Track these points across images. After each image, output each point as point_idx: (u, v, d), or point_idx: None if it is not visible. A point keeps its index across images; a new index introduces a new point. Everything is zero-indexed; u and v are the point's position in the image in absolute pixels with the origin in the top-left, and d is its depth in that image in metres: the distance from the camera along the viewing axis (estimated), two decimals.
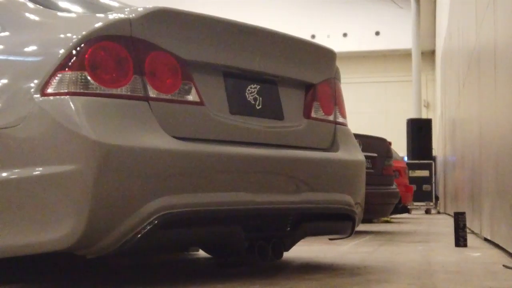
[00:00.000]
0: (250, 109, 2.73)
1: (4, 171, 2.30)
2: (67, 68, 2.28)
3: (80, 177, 2.19)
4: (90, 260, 2.48)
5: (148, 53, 2.40)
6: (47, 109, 2.26)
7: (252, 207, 2.60)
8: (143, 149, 2.28)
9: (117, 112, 2.29)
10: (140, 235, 2.27)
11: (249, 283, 2.55)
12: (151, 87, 2.39)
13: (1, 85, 2.41)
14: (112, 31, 2.34)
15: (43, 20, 2.58)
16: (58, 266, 3.24)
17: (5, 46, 2.53)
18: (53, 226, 2.22)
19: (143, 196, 2.27)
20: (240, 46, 2.71)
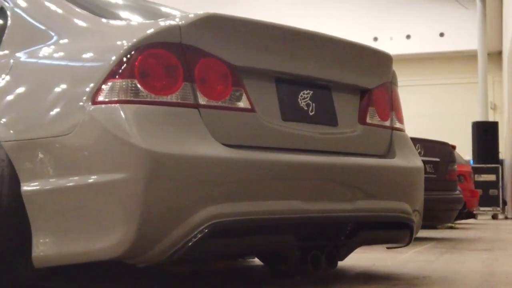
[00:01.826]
0: (303, 116, 2.68)
1: (57, 179, 2.32)
2: (118, 76, 2.27)
3: (130, 185, 2.18)
4: (144, 268, 2.47)
5: (198, 59, 2.37)
6: (97, 118, 2.26)
7: (305, 216, 2.54)
8: (193, 157, 2.26)
9: (167, 120, 2.28)
10: (190, 244, 2.24)
11: None
12: (201, 94, 2.36)
13: (58, 93, 2.44)
14: (161, 38, 2.33)
15: (97, 28, 2.59)
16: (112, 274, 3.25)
17: (65, 53, 2.57)
18: (104, 235, 2.22)
19: (193, 204, 2.25)
20: (292, 52, 2.66)
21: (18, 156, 2.43)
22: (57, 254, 2.32)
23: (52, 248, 2.33)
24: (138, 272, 3.36)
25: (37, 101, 2.49)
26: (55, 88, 2.45)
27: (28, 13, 2.89)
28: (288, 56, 2.65)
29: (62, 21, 2.70)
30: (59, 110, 2.38)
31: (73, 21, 2.67)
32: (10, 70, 2.68)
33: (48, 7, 2.81)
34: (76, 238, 2.28)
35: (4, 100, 2.62)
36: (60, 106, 2.39)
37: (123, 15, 2.83)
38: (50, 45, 2.65)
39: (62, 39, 2.63)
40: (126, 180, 2.18)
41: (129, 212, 2.18)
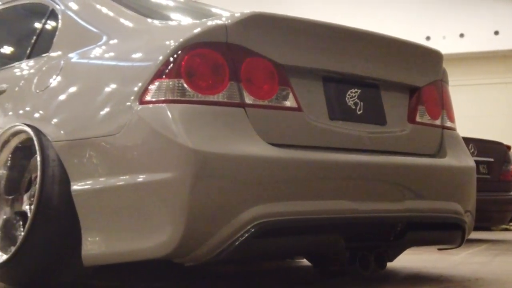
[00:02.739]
0: (350, 115, 2.65)
1: (106, 178, 2.35)
2: (164, 75, 2.29)
3: (177, 185, 2.18)
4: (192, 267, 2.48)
5: (244, 59, 2.37)
6: (145, 117, 2.28)
7: (354, 216, 2.51)
8: (239, 156, 2.25)
9: (213, 119, 2.28)
10: (237, 244, 2.24)
11: None
12: (247, 93, 2.36)
13: (107, 93, 2.47)
14: (208, 37, 2.33)
15: (144, 28, 2.62)
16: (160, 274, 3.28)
17: (114, 53, 2.61)
18: (152, 234, 2.24)
19: (239, 204, 2.24)
20: (339, 50, 2.63)
21: (68, 156, 2.47)
22: (106, 252, 2.35)
23: (101, 246, 2.35)
24: (185, 272, 3.38)
25: (86, 101, 2.53)
26: (104, 88, 2.48)
27: (79, 15, 2.94)
28: (336, 54, 2.63)
29: (111, 22, 2.75)
30: (108, 110, 2.41)
31: (121, 22, 2.71)
32: (61, 71, 2.73)
33: (97, 8, 2.86)
34: (125, 236, 2.30)
35: (55, 101, 2.67)
36: (109, 106, 2.42)
37: (170, 15, 2.86)
38: (99, 46, 2.69)
39: (112, 39, 2.67)
40: (173, 179, 2.19)
41: (176, 211, 2.18)
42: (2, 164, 2.80)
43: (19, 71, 3.09)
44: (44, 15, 3.19)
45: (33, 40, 3.20)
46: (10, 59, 3.60)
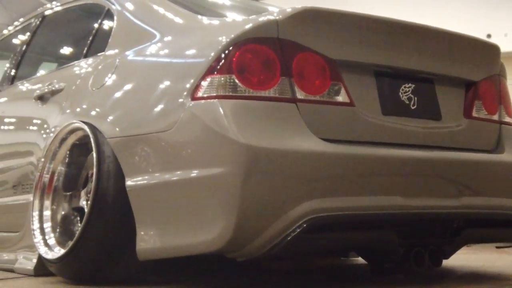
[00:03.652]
0: (404, 110, 2.61)
1: (159, 174, 2.38)
2: (216, 71, 2.30)
3: (229, 180, 2.19)
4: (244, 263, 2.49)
5: (296, 54, 2.36)
6: (197, 113, 2.30)
7: (407, 212, 2.47)
8: (291, 151, 2.25)
9: (265, 115, 2.28)
10: (289, 239, 2.23)
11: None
12: (298, 89, 2.35)
13: (160, 89, 2.50)
14: (259, 33, 2.33)
15: (197, 25, 2.65)
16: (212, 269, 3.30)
17: (167, 51, 2.64)
18: (204, 228, 2.25)
19: (291, 199, 2.23)
20: (392, 44, 2.60)
21: (122, 152, 2.52)
22: (160, 247, 2.38)
23: (156, 241, 2.38)
24: (238, 268, 3.39)
25: (140, 98, 2.57)
26: (158, 85, 2.52)
27: (133, 14, 3.00)
28: (389, 49, 2.59)
29: (164, 20, 2.79)
30: (161, 107, 2.44)
31: (174, 20, 2.75)
32: (116, 69, 2.79)
33: (151, 7, 2.90)
34: (178, 231, 2.33)
35: (110, 99, 2.73)
36: (162, 103, 2.45)
37: (221, 12, 2.88)
38: (153, 44, 2.73)
39: (165, 37, 2.71)
40: (226, 174, 2.20)
41: (228, 206, 2.19)
42: (60, 161, 2.87)
43: (76, 70, 3.17)
44: (100, 15, 3.27)
45: (90, 40, 3.27)
46: (68, 58, 3.70)
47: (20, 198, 3.24)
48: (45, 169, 2.86)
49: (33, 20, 4.02)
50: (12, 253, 3.18)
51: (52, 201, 2.83)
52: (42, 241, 2.75)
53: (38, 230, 2.78)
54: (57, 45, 4.18)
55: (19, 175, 3.32)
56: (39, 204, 2.83)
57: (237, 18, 2.66)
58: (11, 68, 3.94)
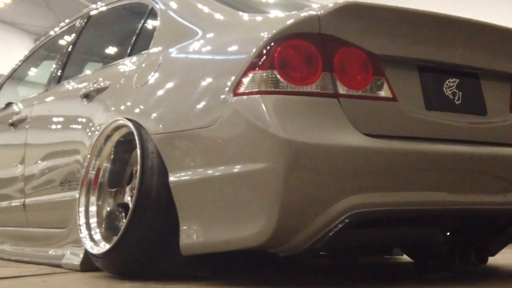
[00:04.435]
0: (448, 105, 2.58)
1: (202, 170, 2.40)
2: (258, 67, 2.31)
3: (271, 175, 2.20)
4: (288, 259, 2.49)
5: (338, 49, 2.36)
6: (239, 109, 2.31)
7: (452, 208, 2.43)
8: (333, 146, 2.24)
9: (306, 110, 2.28)
10: (331, 234, 2.22)
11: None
12: (340, 84, 2.34)
13: (203, 86, 2.52)
14: (300, 28, 2.33)
15: (238, 22, 2.67)
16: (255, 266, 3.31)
17: (209, 47, 2.66)
18: (247, 223, 2.26)
19: (334, 194, 2.23)
20: (436, 38, 2.57)
21: (165, 148, 2.55)
22: (203, 242, 2.39)
23: (199, 236, 2.40)
24: (281, 265, 3.40)
25: (183, 95, 2.59)
26: (200, 81, 2.54)
27: (176, 11, 3.03)
28: (432, 43, 2.56)
29: (206, 17, 2.81)
30: (203, 103, 2.46)
31: (216, 17, 2.77)
32: (159, 67, 2.82)
33: (194, 4, 2.93)
34: (221, 226, 2.34)
35: (154, 96, 2.76)
36: (204, 99, 2.47)
37: (263, 8, 2.88)
38: (195, 41, 2.75)
39: (207, 34, 2.73)
40: (268, 169, 2.20)
41: (270, 201, 2.20)
42: (105, 157, 2.92)
43: (120, 68, 3.22)
44: (144, 14, 3.31)
45: (134, 38, 3.32)
46: (112, 57, 3.75)
47: (66, 195, 3.30)
48: (91, 165, 2.91)
49: (78, 21, 4.09)
50: (59, 248, 3.25)
51: (97, 197, 2.89)
52: (88, 236, 2.80)
53: (84, 225, 2.83)
54: (102, 45, 4.26)
55: (66, 172, 3.39)
56: (85, 200, 2.89)
57: (279, 14, 2.66)
58: (58, 69, 4.02)
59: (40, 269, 3.08)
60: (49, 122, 3.83)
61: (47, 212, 3.59)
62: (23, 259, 3.54)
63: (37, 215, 3.72)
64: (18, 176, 3.92)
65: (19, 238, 3.89)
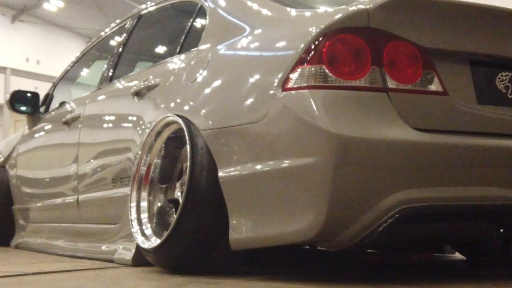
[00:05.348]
0: (501, 99, 2.53)
1: (251, 165, 2.41)
2: (306, 62, 2.31)
3: (319, 169, 2.20)
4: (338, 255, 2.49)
5: (387, 43, 2.34)
6: (287, 104, 2.31)
7: (506, 203, 2.39)
8: (383, 141, 2.23)
9: (355, 104, 2.27)
10: (381, 229, 2.21)
11: (501, 286, 2.35)
12: (390, 78, 2.33)
13: (251, 82, 2.53)
14: (348, 23, 2.33)
15: (286, 17, 2.67)
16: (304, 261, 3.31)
17: (257, 43, 2.68)
18: (295, 218, 2.27)
19: (383, 189, 2.21)
20: (488, 31, 2.52)
21: (215, 144, 2.57)
22: (252, 237, 2.41)
23: (248, 231, 2.42)
24: (329, 260, 3.39)
25: (232, 91, 2.61)
26: (249, 77, 2.55)
27: (225, 8, 3.06)
28: (484, 36, 2.52)
29: (254, 13, 2.83)
30: (252, 98, 2.48)
31: (264, 13, 2.78)
32: (208, 64, 2.85)
33: (243, 1, 2.96)
34: (270, 221, 2.35)
35: (203, 92, 2.79)
36: (253, 94, 2.48)
37: (311, 3, 2.88)
38: (243, 37, 2.77)
39: (255, 30, 2.75)
40: (317, 164, 2.20)
41: (319, 196, 2.20)
42: (156, 154, 2.96)
43: (170, 66, 3.26)
44: (193, 12, 3.35)
45: (183, 36, 3.36)
46: (162, 56, 3.80)
47: (118, 192, 3.36)
48: (142, 161, 2.96)
49: (129, 21, 4.16)
50: (112, 244, 3.31)
51: (148, 193, 2.93)
52: (139, 231, 2.85)
53: (135, 220, 2.88)
54: (152, 44, 4.31)
55: (118, 170, 3.44)
56: (136, 195, 2.93)
57: (327, 9, 2.65)
58: (109, 68, 4.09)
59: (93, 264, 3.14)
60: (101, 120, 3.90)
61: (100, 208, 3.66)
62: (77, 254, 3.62)
63: (90, 211, 3.80)
64: (72, 174, 4.01)
65: (73, 234, 3.98)
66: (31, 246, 4.42)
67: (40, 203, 4.53)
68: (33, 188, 4.73)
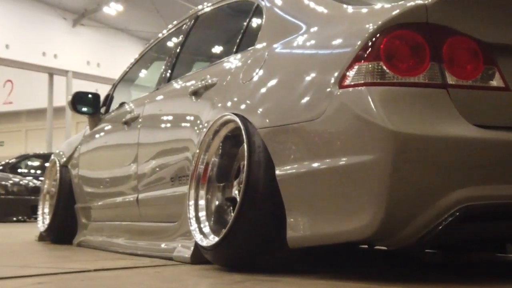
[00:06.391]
0: None
1: (308, 162, 2.41)
2: (363, 59, 2.30)
3: (378, 167, 2.18)
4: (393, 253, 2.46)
5: (446, 38, 2.30)
6: (344, 101, 2.30)
7: None
8: (442, 138, 2.20)
9: (414, 101, 2.25)
10: (440, 227, 2.18)
11: None
12: (449, 74, 2.29)
13: (307, 80, 2.53)
14: (406, 19, 2.30)
15: (342, 15, 2.66)
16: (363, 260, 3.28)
17: (313, 41, 2.67)
18: (353, 216, 2.26)
19: (443, 187, 2.18)
20: None
21: (272, 142, 2.57)
22: (310, 235, 2.41)
23: (305, 229, 2.42)
24: (390, 260, 3.35)
25: (288, 89, 2.61)
26: (305, 75, 2.55)
27: (281, 7, 3.07)
28: None
29: (310, 11, 2.83)
30: (309, 96, 2.47)
31: (320, 10, 2.78)
32: (264, 62, 2.86)
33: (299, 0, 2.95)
34: (327, 219, 2.34)
35: (259, 91, 2.80)
36: (310, 92, 2.48)
37: (367, 0, 2.85)
38: (300, 35, 2.77)
39: (311, 28, 2.74)
40: (375, 161, 2.19)
41: (377, 193, 2.18)
42: (213, 152, 2.99)
43: (227, 65, 3.28)
44: (250, 11, 3.36)
45: (240, 35, 3.38)
46: (219, 56, 3.83)
47: (177, 190, 3.40)
48: (200, 160, 2.99)
49: (186, 22, 4.20)
50: (171, 242, 3.35)
51: (206, 191, 2.96)
52: (197, 229, 2.88)
53: (194, 218, 2.91)
54: (209, 44, 4.35)
55: (176, 169, 3.49)
56: (194, 194, 2.97)
57: (384, 5, 2.62)
58: (167, 69, 4.14)
59: (153, 261, 3.19)
60: (159, 120, 3.96)
61: (159, 206, 3.71)
62: (137, 252, 3.68)
63: (150, 209, 3.86)
64: (132, 174, 4.07)
65: (133, 232, 4.04)
66: (93, 244, 4.52)
67: (101, 202, 4.62)
68: (94, 187, 4.83)
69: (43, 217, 5.31)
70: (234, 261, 2.68)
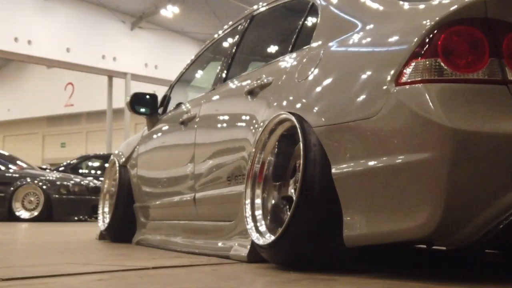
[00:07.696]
0: None
1: (365, 161, 2.40)
2: (420, 56, 2.27)
3: (437, 164, 2.15)
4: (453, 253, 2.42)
5: (506, 33, 2.25)
6: (401, 99, 2.28)
7: None
8: (503, 135, 2.15)
9: (472, 98, 2.21)
10: (500, 227, 2.14)
11: None
12: (510, 70, 2.24)
13: (363, 78, 2.51)
14: (464, 14, 2.26)
15: (398, 11, 2.63)
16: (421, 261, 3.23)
17: (369, 39, 2.65)
18: (411, 214, 2.23)
19: (503, 185, 2.14)
20: None
21: (327, 140, 2.57)
22: (367, 233, 2.39)
23: (362, 227, 2.40)
24: (449, 260, 3.30)
25: (344, 87, 2.60)
26: (361, 73, 2.53)
27: (336, 5, 3.05)
28: None
29: (366, 9, 2.81)
30: (365, 94, 2.46)
31: (376, 8, 2.75)
32: (320, 61, 2.85)
33: None
34: (384, 217, 2.33)
35: (315, 89, 2.80)
36: (365, 90, 2.46)
37: None
38: (355, 33, 2.75)
39: (367, 26, 2.73)
40: (433, 159, 2.16)
41: (436, 191, 2.15)
42: (269, 151, 3.00)
43: (282, 64, 3.28)
44: (305, 10, 3.36)
45: (295, 34, 3.38)
46: (274, 55, 3.84)
47: (233, 189, 3.42)
48: (256, 159, 3.00)
49: (241, 22, 4.23)
50: (228, 240, 3.37)
51: (262, 190, 2.97)
52: (254, 227, 2.89)
53: (250, 217, 2.93)
54: (264, 43, 4.36)
55: (233, 168, 3.51)
56: (251, 192, 2.98)
57: (441, 0, 2.58)
58: (223, 69, 4.17)
59: (210, 260, 3.22)
60: (215, 120, 3.99)
61: (216, 205, 3.74)
62: (194, 251, 3.72)
63: (207, 209, 3.89)
64: (189, 173, 4.12)
65: (190, 231, 4.09)
66: (151, 243, 4.59)
67: (159, 201, 4.69)
68: (152, 186, 4.90)
69: (103, 216, 5.42)
70: (290, 260, 2.68)
